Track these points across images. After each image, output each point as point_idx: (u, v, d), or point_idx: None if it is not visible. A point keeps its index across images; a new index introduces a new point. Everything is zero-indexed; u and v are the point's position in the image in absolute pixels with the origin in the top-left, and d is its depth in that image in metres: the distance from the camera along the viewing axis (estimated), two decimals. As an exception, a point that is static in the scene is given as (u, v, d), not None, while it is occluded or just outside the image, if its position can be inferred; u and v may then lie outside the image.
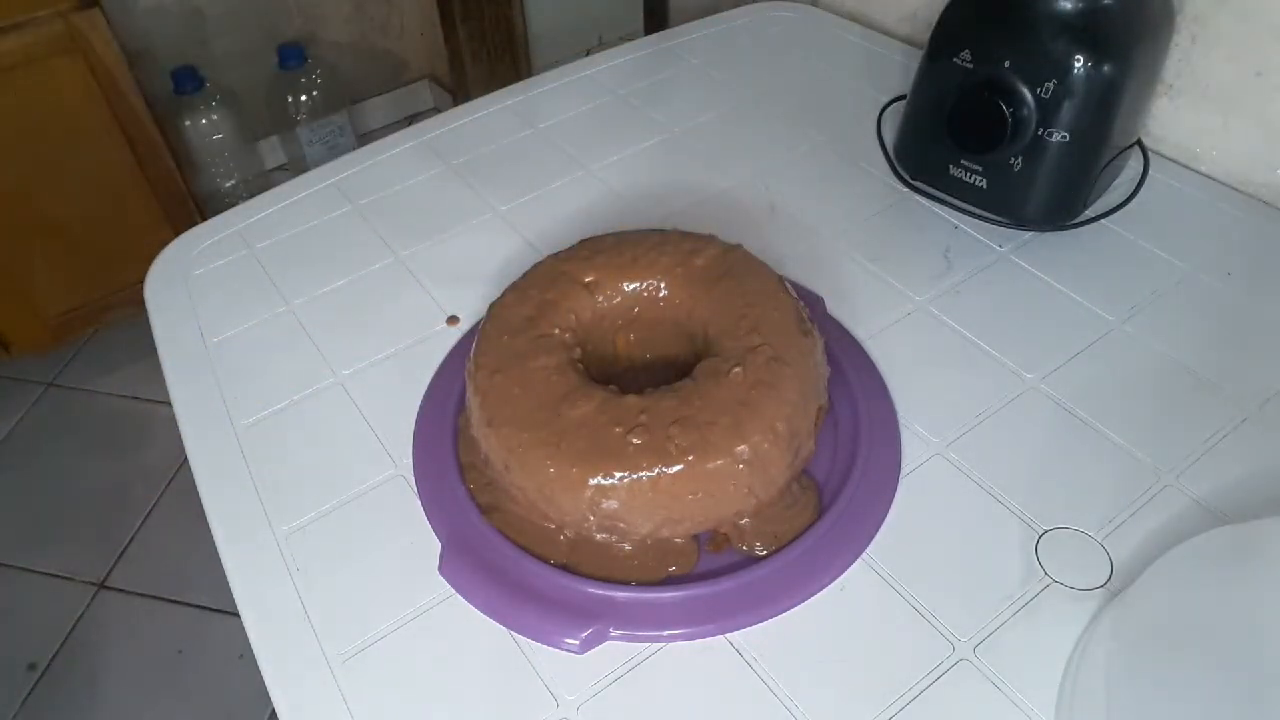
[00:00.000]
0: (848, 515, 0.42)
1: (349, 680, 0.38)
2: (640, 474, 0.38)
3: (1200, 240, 0.54)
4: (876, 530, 0.42)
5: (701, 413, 0.40)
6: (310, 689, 0.37)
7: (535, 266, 0.48)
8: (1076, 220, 0.55)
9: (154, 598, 1.19)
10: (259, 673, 0.38)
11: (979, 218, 0.57)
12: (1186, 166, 0.60)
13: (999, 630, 0.37)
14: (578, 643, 0.38)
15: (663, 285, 0.47)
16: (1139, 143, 0.60)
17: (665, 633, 0.39)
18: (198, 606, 1.17)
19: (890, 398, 0.47)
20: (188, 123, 1.56)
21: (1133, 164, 0.59)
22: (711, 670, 0.37)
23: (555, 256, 0.49)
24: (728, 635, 0.38)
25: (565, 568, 0.41)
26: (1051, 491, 0.42)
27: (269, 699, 0.37)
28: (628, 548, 0.41)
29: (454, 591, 0.40)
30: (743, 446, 0.39)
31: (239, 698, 1.05)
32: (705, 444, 0.39)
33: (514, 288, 0.48)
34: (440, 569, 0.41)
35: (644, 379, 0.47)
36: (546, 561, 0.41)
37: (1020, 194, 0.54)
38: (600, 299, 0.47)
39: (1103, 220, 0.56)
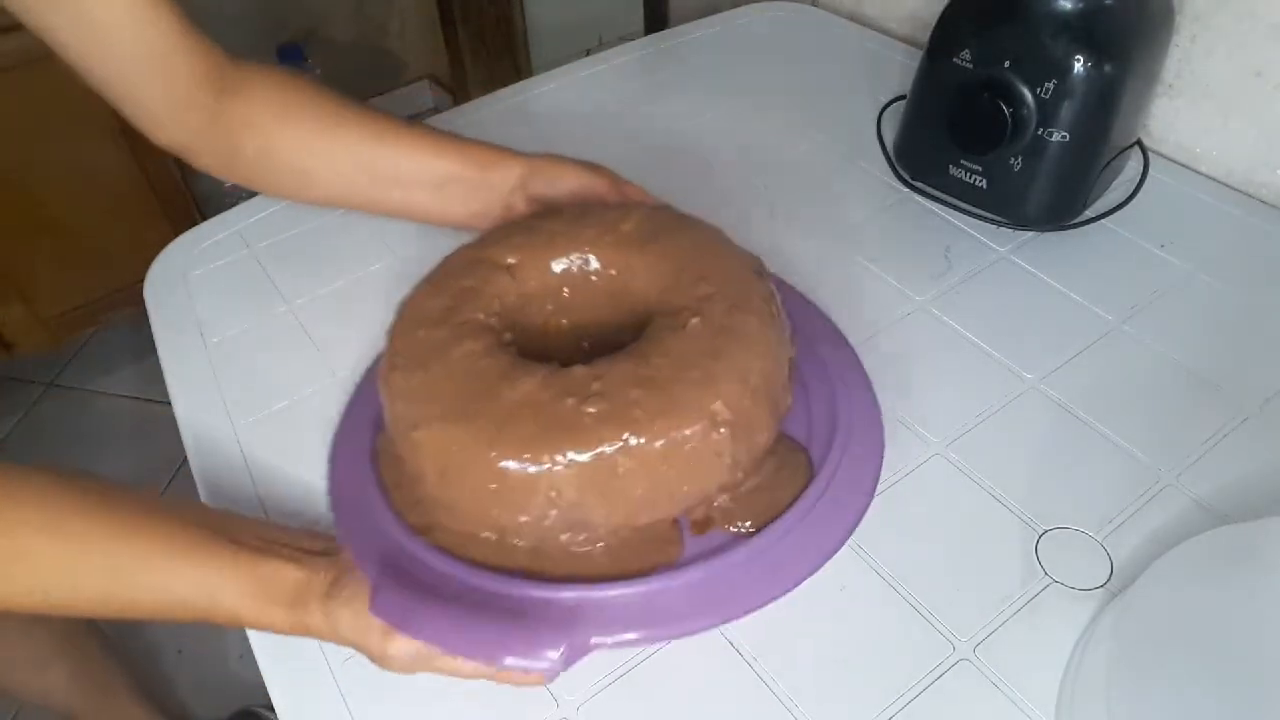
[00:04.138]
0: (843, 473, 0.38)
1: (349, 680, 0.38)
2: (603, 448, 0.33)
3: (1200, 240, 0.54)
4: (875, 486, 0.39)
5: (664, 370, 0.35)
6: (310, 689, 0.37)
7: (447, 258, 0.44)
8: (1076, 220, 0.55)
9: (154, 598, 1.18)
10: (259, 673, 0.38)
11: (979, 218, 0.57)
12: (1186, 166, 0.60)
13: (999, 630, 0.37)
14: (557, 657, 0.32)
15: (591, 258, 0.43)
16: (1139, 143, 0.60)
17: (655, 632, 0.34)
18: (198, 606, 1.16)
19: (851, 346, 0.46)
20: (188, 123, 1.56)
21: (1133, 164, 0.59)
22: (711, 670, 0.37)
23: (468, 245, 0.45)
24: (728, 636, 0.38)
25: (527, 575, 0.36)
26: (1051, 491, 0.42)
27: (269, 698, 0.37)
28: (599, 545, 0.36)
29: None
30: (718, 404, 0.34)
31: (239, 698, 1.05)
32: (675, 405, 0.34)
33: (426, 280, 0.43)
34: (372, 607, 0.34)
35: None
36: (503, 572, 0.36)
37: (1020, 194, 0.54)
38: (525, 283, 0.42)
39: (1103, 220, 0.56)
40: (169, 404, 0.50)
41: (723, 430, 0.34)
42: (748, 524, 0.37)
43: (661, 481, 0.35)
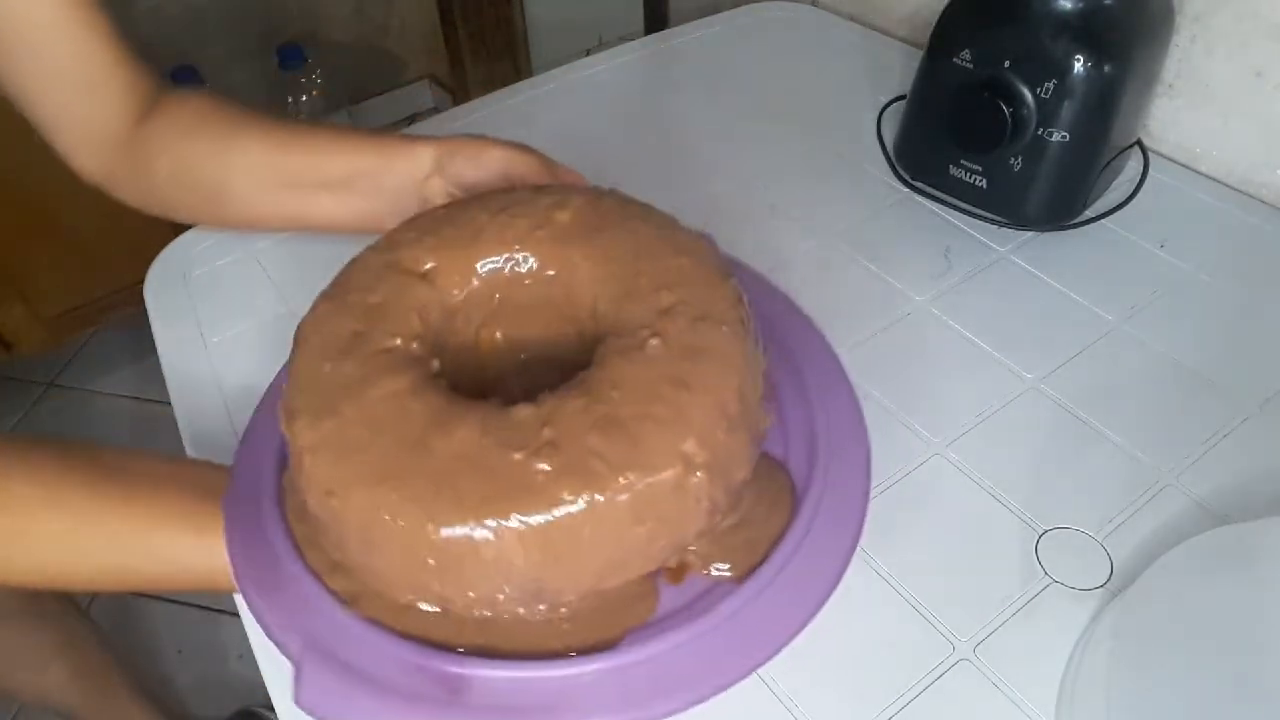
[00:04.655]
0: (830, 495, 0.34)
1: (349, 680, 0.37)
2: (562, 511, 0.28)
3: (1200, 240, 0.54)
4: (867, 506, 0.35)
5: (624, 407, 0.30)
6: (310, 689, 0.37)
7: (349, 265, 0.38)
8: (1076, 220, 0.55)
9: (154, 598, 1.18)
10: (259, 673, 0.38)
11: (979, 218, 0.57)
12: (1186, 166, 0.60)
13: (999, 630, 0.37)
14: None
15: (524, 256, 0.36)
16: (1139, 143, 0.60)
17: (644, 714, 0.29)
18: (198, 606, 1.16)
19: (822, 333, 0.42)
20: (188, 123, 1.56)
21: (1133, 164, 0.59)
22: (711, 670, 0.37)
23: (372, 247, 0.38)
24: (728, 635, 0.38)
25: (483, 652, 0.31)
26: (1051, 491, 0.42)
27: (269, 698, 0.37)
28: (562, 611, 0.32)
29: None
30: (690, 443, 0.29)
31: (239, 698, 1.05)
32: (642, 451, 0.29)
33: (325, 297, 0.36)
34: (298, 699, 0.30)
35: (521, 389, 0.33)
36: (454, 650, 0.31)
37: (1020, 194, 0.54)
38: (447, 291, 0.36)
39: (1103, 220, 0.56)
40: (169, 404, 0.50)
41: (699, 474, 0.30)
42: (727, 567, 0.33)
43: (631, 540, 0.30)
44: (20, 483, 0.33)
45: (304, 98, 1.73)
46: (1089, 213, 0.56)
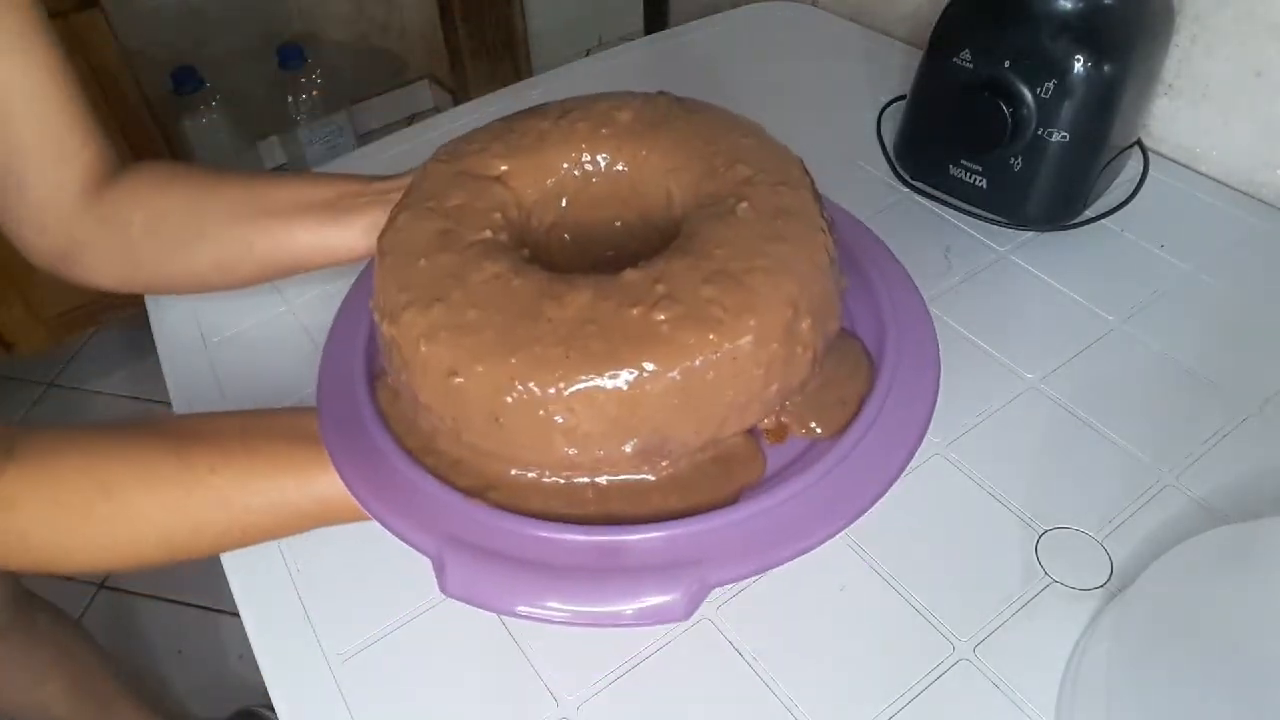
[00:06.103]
0: (904, 361, 0.36)
1: (349, 680, 0.38)
2: (686, 356, 0.29)
3: (1200, 240, 0.54)
4: (940, 370, 0.37)
5: (730, 261, 0.31)
6: (310, 689, 0.37)
7: (418, 178, 0.38)
8: (1076, 220, 0.55)
9: (154, 598, 1.19)
10: (259, 673, 0.38)
11: (979, 218, 0.57)
12: (1186, 166, 0.60)
13: (999, 630, 0.37)
14: (679, 597, 0.29)
15: (591, 156, 0.38)
16: (1139, 143, 0.60)
17: (783, 552, 0.30)
18: (198, 606, 1.17)
19: (861, 221, 0.45)
20: (188, 123, 1.56)
21: (1133, 164, 0.59)
22: (711, 670, 0.37)
23: (437, 160, 0.39)
24: (727, 636, 0.38)
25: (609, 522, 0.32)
26: (1051, 491, 0.42)
27: (269, 698, 0.37)
28: (673, 475, 0.32)
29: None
30: (797, 290, 0.31)
31: (239, 698, 1.05)
32: (756, 297, 0.30)
33: (400, 208, 0.37)
34: (445, 588, 0.31)
35: None
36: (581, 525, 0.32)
37: (1020, 194, 0.54)
38: (522, 193, 0.37)
39: (1103, 220, 0.56)
40: (169, 404, 0.50)
41: (806, 321, 0.32)
42: (817, 427, 0.34)
43: (750, 384, 0.31)
44: (112, 465, 0.33)
45: (304, 97, 1.73)
46: (1089, 213, 0.56)
